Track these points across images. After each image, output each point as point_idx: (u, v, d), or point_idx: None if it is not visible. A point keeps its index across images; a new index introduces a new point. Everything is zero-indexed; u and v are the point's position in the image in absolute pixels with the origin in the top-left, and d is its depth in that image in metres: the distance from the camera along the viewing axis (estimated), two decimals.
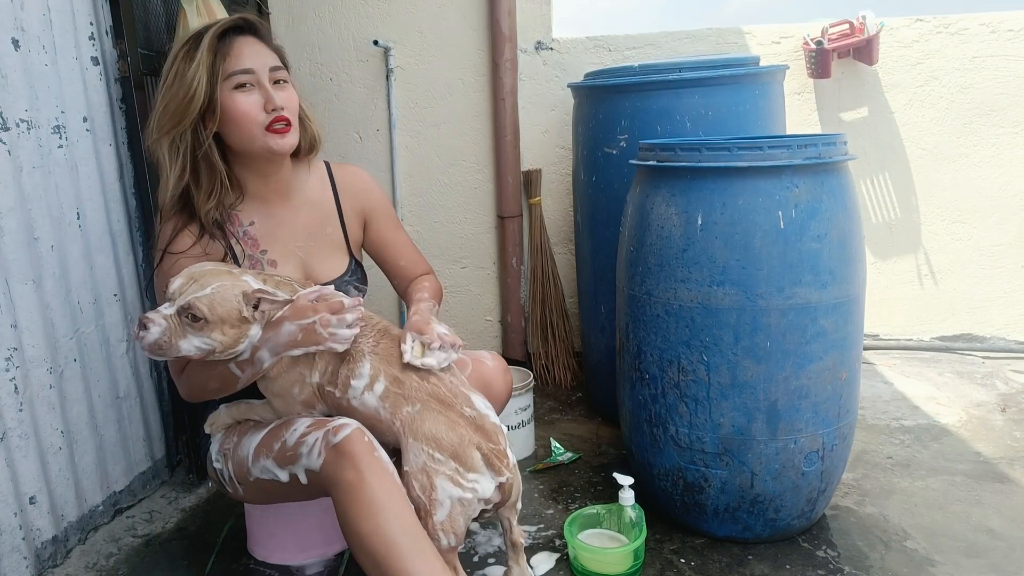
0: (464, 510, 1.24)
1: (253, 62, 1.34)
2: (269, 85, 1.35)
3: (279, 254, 1.48)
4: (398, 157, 2.74)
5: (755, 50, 2.58)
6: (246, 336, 1.26)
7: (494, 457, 1.26)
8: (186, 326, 1.22)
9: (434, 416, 1.26)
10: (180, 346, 1.22)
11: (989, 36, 2.53)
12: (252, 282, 1.27)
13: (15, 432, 1.50)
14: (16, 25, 1.53)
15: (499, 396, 1.53)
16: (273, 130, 1.36)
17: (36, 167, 1.58)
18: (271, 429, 1.35)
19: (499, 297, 2.83)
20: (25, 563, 1.51)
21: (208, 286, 1.21)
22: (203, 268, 1.26)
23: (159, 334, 1.20)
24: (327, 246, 1.54)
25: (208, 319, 1.21)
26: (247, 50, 1.35)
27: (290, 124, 1.38)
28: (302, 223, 1.51)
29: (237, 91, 1.34)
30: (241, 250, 1.44)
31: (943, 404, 2.28)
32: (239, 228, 1.45)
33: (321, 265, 1.52)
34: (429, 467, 1.22)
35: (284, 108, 1.36)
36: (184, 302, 1.20)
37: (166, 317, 1.21)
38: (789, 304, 1.43)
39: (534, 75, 2.65)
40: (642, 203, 1.58)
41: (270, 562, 1.61)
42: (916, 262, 2.73)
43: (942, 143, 2.63)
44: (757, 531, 1.58)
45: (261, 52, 1.36)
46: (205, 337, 1.22)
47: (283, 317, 1.28)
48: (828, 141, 1.45)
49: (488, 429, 1.28)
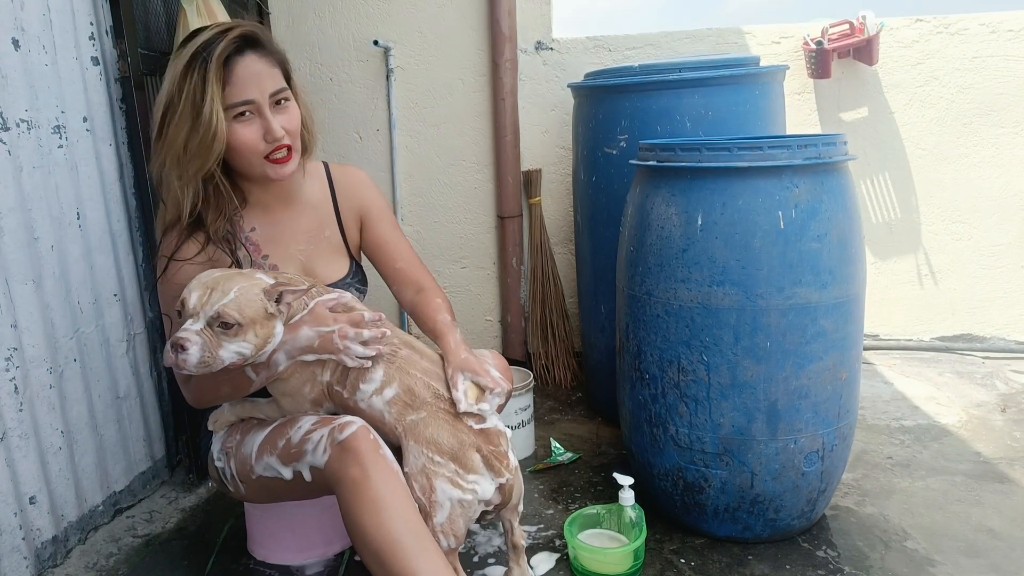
0: (464, 512, 1.24)
1: (254, 91, 1.30)
2: (269, 112, 1.31)
3: (280, 259, 1.48)
4: (398, 157, 2.74)
5: (755, 50, 2.58)
6: (274, 333, 1.25)
7: (494, 459, 1.26)
8: (220, 335, 1.19)
9: (439, 423, 1.26)
10: (221, 356, 1.19)
11: (989, 36, 2.53)
12: (266, 278, 1.26)
13: (15, 432, 1.50)
14: (16, 25, 1.53)
15: None
16: (273, 160, 1.34)
17: (36, 167, 1.58)
18: (275, 427, 1.35)
19: (499, 297, 2.83)
20: (25, 563, 1.51)
21: (230, 291, 1.19)
22: (213, 275, 1.24)
23: (199, 352, 1.17)
24: (327, 249, 1.54)
25: (241, 323, 1.19)
26: (248, 75, 1.29)
27: (291, 150, 1.36)
28: (302, 227, 1.51)
29: (237, 120, 1.30)
30: (245, 255, 1.44)
31: (943, 404, 2.28)
32: (241, 235, 1.45)
33: (322, 268, 1.52)
34: (429, 469, 1.23)
35: (285, 135, 1.33)
36: (213, 312, 1.18)
37: (199, 332, 1.18)
38: (789, 304, 1.43)
39: (534, 75, 2.65)
40: (642, 203, 1.58)
41: (270, 562, 1.61)
42: (916, 262, 2.73)
43: (942, 143, 2.63)
44: (757, 531, 1.58)
45: (262, 75, 1.31)
46: (241, 341, 1.20)
47: (302, 321, 1.28)
48: (828, 141, 1.45)
49: (490, 432, 1.28)
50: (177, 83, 1.28)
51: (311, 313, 1.29)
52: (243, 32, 1.30)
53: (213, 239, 1.38)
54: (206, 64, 1.25)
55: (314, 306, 1.30)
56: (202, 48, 1.27)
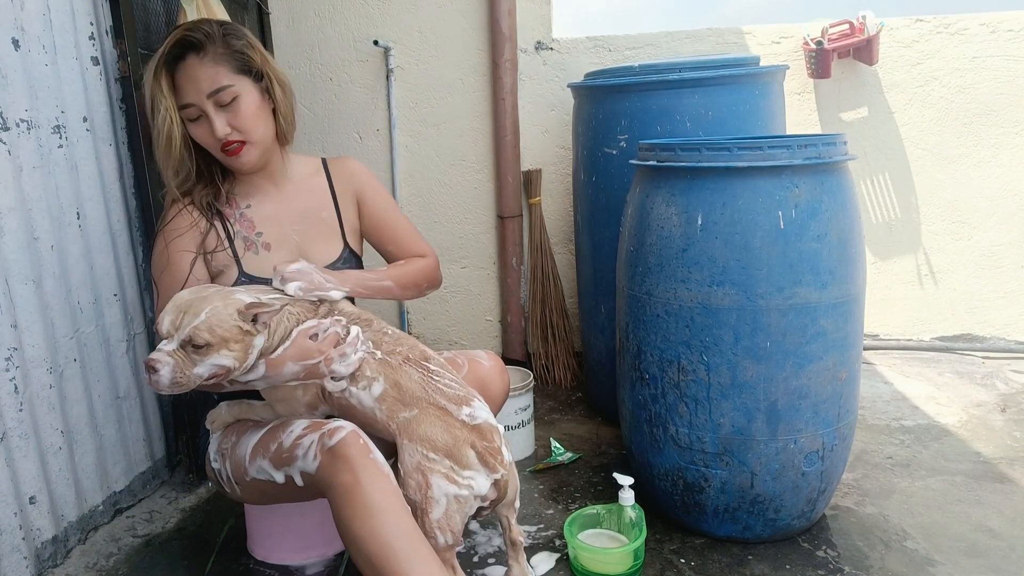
0: (461, 507, 1.24)
1: (191, 94, 1.36)
2: (212, 111, 1.37)
3: (273, 237, 1.50)
4: (398, 157, 2.74)
5: (755, 50, 2.58)
6: (253, 347, 1.25)
7: (488, 455, 1.26)
8: (192, 355, 1.20)
9: (431, 420, 1.26)
10: (197, 373, 1.21)
11: (989, 36, 2.53)
12: (245, 297, 1.25)
13: (15, 432, 1.50)
14: (16, 25, 1.53)
15: (496, 396, 1.53)
16: (227, 153, 1.41)
17: (36, 167, 1.58)
18: (268, 430, 1.35)
19: (499, 297, 2.83)
20: (25, 563, 1.51)
21: (201, 312, 1.20)
22: (188, 297, 1.25)
23: (170, 373, 1.19)
24: (323, 231, 1.56)
25: (211, 343, 1.20)
26: (186, 79, 1.36)
27: (242, 143, 1.41)
28: (297, 207, 1.54)
29: (191, 121, 1.40)
30: (238, 230, 1.48)
31: (943, 404, 2.28)
32: (236, 210, 1.49)
33: (314, 248, 1.53)
34: (424, 466, 1.23)
35: (231, 131, 1.39)
36: (184, 335, 1.19)
37: (170, 353, 1.19)
38: (789, 304, 1.43)
39: (534, 75, 2.65)
40: (642, 203, 1.58)
41: (270, 562, 1.61)
42: (916, 262, 2.73)
43: (942, 143, 2.63)
44: (757, 531, 1.58)
45: (199, 78, 1.36)
46: (214, 358, 1.21)
47: (285, 358, 1.27)
48: (828, 141, 1.45)
49: (483, 428, 1.28)
50: (149, 88, 1.38)
51: (294, 346, 1.28)
52: (179, 39, 1.37)
53: (198, 207, 1.46)
54: (158, 72, 1.36)
55: (296, 337, 1.29)
56: (155, 57, 1.37)
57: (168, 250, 1.42)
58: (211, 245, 1.45)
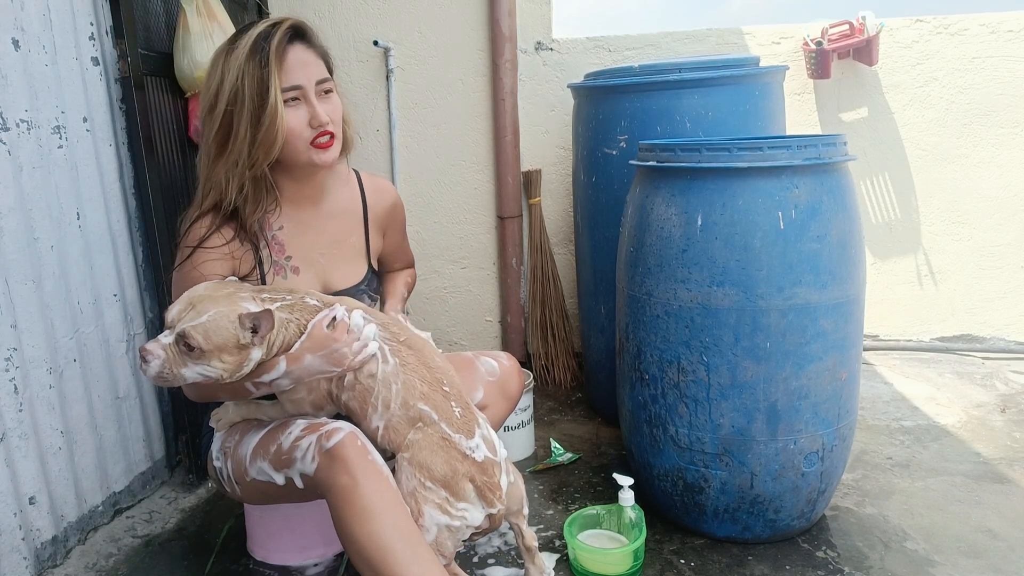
0: (452, 535, 1.23)
1: (303, 77, 1.32)
2: (315, 99, 1.34)
3: (302, 261, 1.47)
4: (398, 157, 2.74)
5: (755, 50, 2.58)
6: (248, 360, 1.22)
7: (487, 489, 1.25)
8: (184, 355, 1.18)
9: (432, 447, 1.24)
10: (183, 374, 1.19)
11: (989, 37, 2.53)
12: (252, 307, 1.22)
13: (15, 432, 1.50)
14: (16, 25, 1.53)
15: (513, 395, 1.59)
16: (317, 145, 1.36)
17: (36, 167, 1.58)
18: (268, 431, 1.34)
19: (499, 297, 2.83)
20: (25, 563, 1.51)
21: (204, 313, 1.18)
22: (201, 293, 1.22)
23: (159, 367, 1.18)
24: (349, 255, 1.55)
25: (203, 348, 1.17)
26: (298, 63, 1.32)
27: (334, 137, 1.38)
28: (328, 231, 1.51)
29: (286, 106, 1.32)
30: (268, 254, 1.43)
31: (943, 405, 2.28)
32: (268, 233, 1.44)
33: (339, 272, 1.52)
34: (419, 494, 1.21)
35: (329, 122, 1.35)
36: (180, 330, 1.17)
37: (165, 347, 1.18)
38: (789, 304, 1.43)
39: (534, 75, 2.65)
40: (642, 203, 1.58)
41: (270, 562, 1.61)
42: (916, 262, 2.73)
43: (942, 143, 2.63)
44: (757, 531, 1.58)
45: (310, 63, 1.34)
46: (204, 364, 1.19)
47: (304, 350, 1.25)
48: (828, 142, 1.45)
49: (485, 464, 1.26)
50: (241, 76, 1.29)
51: (310, 339, 1.26)
52: (293, 24, 1.34)
53: (246, 232, 1.39)
54: (267, 55, 1.28)
55: (312, 330, 1.27)
56: (262, 39, 1.30)
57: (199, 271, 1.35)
58: (244, 271, 1.41)
